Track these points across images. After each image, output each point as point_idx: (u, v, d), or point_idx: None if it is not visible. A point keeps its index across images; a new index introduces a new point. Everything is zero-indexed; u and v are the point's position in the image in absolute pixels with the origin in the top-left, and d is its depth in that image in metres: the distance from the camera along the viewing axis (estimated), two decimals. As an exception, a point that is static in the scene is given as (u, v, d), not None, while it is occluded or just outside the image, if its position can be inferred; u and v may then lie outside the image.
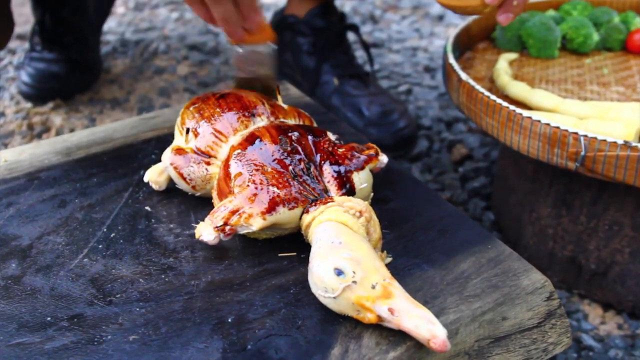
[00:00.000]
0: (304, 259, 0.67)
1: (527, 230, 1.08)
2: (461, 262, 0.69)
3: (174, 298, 0.64)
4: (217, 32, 2.03)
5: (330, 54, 1.47)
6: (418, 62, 1.87)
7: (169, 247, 0.72)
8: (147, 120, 0.98)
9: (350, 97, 1.41)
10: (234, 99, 0.78)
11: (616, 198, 0.94)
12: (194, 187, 0.76)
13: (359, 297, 0.58)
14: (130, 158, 0.88)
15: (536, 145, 0.89)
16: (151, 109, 1.57)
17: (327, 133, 0.76)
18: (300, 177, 0.69)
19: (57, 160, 0.88)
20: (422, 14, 2.24)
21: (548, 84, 1.09)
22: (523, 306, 0.65)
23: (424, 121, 1.53)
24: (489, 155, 1.40)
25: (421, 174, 1.35)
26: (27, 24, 1.87)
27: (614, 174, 0.84)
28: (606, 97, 1.04)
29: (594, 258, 1.00)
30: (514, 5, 0.86)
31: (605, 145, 0.82)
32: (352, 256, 0.60)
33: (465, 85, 0.99)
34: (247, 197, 0.67)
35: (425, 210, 0.78)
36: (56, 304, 0.64)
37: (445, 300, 0.64)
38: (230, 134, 0.75)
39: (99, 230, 0.74)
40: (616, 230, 0.96)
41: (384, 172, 0.81)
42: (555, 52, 1.18)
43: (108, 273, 0.68)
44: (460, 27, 1.19)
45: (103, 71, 1.72)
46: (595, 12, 1.23)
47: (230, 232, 0.66)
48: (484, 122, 0.96)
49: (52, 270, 0.68)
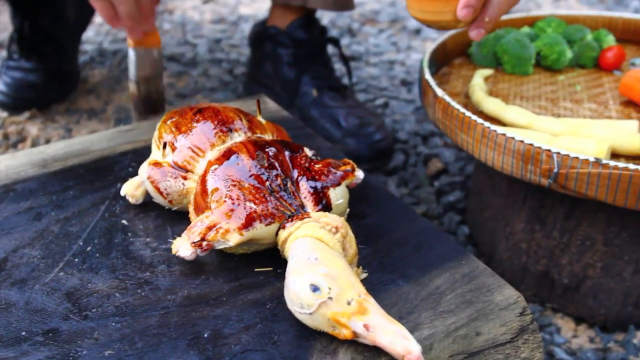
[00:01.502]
0: (281, 274, 0.68)
1: (501, 245, 1.09)
2: (436, 277, 0.70)
3: (150, 313, 0.64)
4: (195, 44, 2.03)
5: (310, 66, 1.47)
6: (395, 75, 1.88)
7: (145, 261, 0.72)
8: (124, 133, 0.98)
9: (328, 108, 1.42)
10: (211, 113, 0.78)
11: (588, 214, 0.96)
12: (170, 202, 0.76)
13: (334, 313, 0.58)
14: (107, 171, 0.88)
15: (510, 161, 0.90)
16: (128, 119, 1.56)
17: (304, 149, 0.76)
18: (277, 193, 0.69)
19: (33, 172, 0.87)
20: (399, 28, 2.26)
21: (522, 100, 1.10)
22: (496, 321, 0.66)
23: (400, 135, 1.54)
24: (464, 170, 1.42)
25: (397, 187, 1.36)
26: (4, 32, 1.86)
27: (585, 190, 0.85)
28: (579, 114, 1.06)
29: (566, 272, 1.01)
30: (485, 21, 0.87)
31: (577, 162, 0.84)
32: (328, 272, 0.60)
33: (441, 102, 1.00)
34: (224, 212, 0.67)
35: (400, 225, 0.79)
36: (31, 318, 0.63)
37: (419, 316, 0.65)
38: (207, 149, 0.75)
39: (75, 243, 0.74)
40: (588, 246, 0.97)
41: (360, 187, 0.82)
42: (530, 68, 1.20)
43: (84, 287, 0.68)
44: (437, 42, 1.20)
45: (80, 81, 1.71)
46: (568, 30, 1.25)
47: (207, 247, 0.66)
48: (459, 138, 0.97)
49: (27, 284, 0.68)
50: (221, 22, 2.26)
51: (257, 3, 2.48)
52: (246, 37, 2.02)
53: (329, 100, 1.44)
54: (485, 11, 0.86)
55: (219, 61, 1.91)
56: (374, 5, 2.48)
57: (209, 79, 1.80)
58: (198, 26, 2.20)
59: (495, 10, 0.86)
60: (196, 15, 2.32)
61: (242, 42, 2.06)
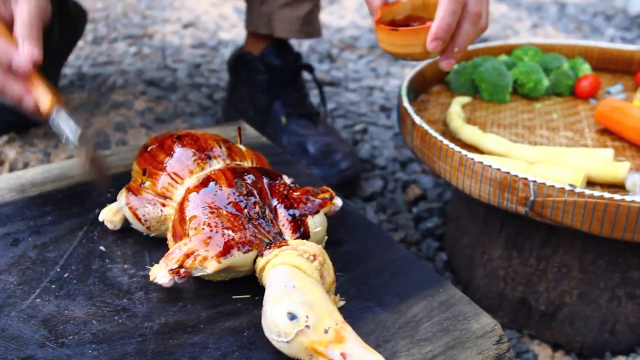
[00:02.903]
0: (258, 301, 0.68)
1: (478, 271, 1.10)
2: (413, 305, 0.70)
3: (127, 340, 0.64)
4: (175, 68, 2.03)
5: (282, 92, 1.48)
6: (374, 101, 1.90)
7: (123, 287, 0.71)
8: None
9: (296, 136, 1.43)
10: (190, 140, 0.78)
11: (564, 241, 0.96)
12: (148, 228, 0.76)
13: (311, 341, 0.58)
14: (85, 196, 0.88)
15: (487, 189, 0.91)
16: (107, 144, 1.56)
17: (283, 176, 0.77)
18: (255, 221, 0.70)
19: (11, 198, 0.87)
20: (378, 54, 2.28)
21: (500, 128, 1.12)
22: (473, 350, 0.66)
23: (378, 161, 1.55)
24: (442, 196, 1.43)
25: (375, 213, 1.37)
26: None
27: (561, 218, 0.86)
28: (555, 142, 1.07)
29: (543, 299, 1.02)
30: (455, 51, 0.89)
31: (553, 190, 0.85)
32: (305, 300, 0.60)
33: (419, 129, 1.01)
34: (202, 239, 0.67)
35: (378, 252, 0.79)
36: (7, 345, 0.63)
37: (397, 344, 0.65)
38: (186, 176, 0.75)
39: (52, 269, 0.74)
40: (565, 273, 0.98)
41: (338, 214, 0.82)
42: (507, 96, 1.22)
43: (61, 314, 0.67)
44: (415, 70, 1.22)
45: (59, 105, 1.71)
46: (545, 58, 1.27)
47: (184, 274, 0.66)
48: (437, 165, 0.98)
49: (2, 311, 0.67)
50: (201, 47, 2.26)
51: (237, 28, 2.49)
52: (226, 62, 2.03)
53: (298, 127, 1.45)
54: (454, 42, 0.88)
55: (199, 86, 1.92)
56: (353, 31, 2.50)
57: (189, 103, 1.80)
58: (178, 51, 2.21)
59: (464, 40, 0.88)
60: (176, 39, 2.33)
61: (222, 67, 2.07)
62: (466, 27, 0.87)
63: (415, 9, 0.95)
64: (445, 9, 0.84)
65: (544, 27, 2.66)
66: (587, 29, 2.66)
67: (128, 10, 2.62)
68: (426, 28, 0.86)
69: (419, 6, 0.95)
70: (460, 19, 0.86)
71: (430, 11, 0.94)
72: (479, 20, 0.88)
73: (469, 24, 0.87)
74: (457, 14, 0.85)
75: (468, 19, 0.87)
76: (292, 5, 1.44)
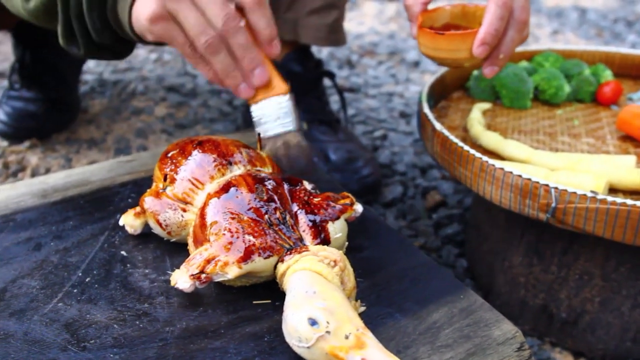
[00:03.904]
0: (279, 306, 0.68)
1: (499, 278, 1.09)
2: (434, 311, 0.70)
3: (148, 345, 0.64)
4: (195, 74, 2.04)
5: (303, 99, 1.49)
6: (394, 107, 1.89)
7: (144, 292, 0.72)
8: (124, 164, 0.98)
9: (317, 142, 1.43)
10: (211, 146, 0.79)
11: (586, 248, 0.96)
12: (169, 233, 0.76)
13: (332, 347, 0.58)
14: (106, 201, 0.88)
15: (508, 196, 0.91)
16: (128, 149, 1.57)
17: (303, 182, 0.77)
18: (276, 226, 0.70)
19: (33, 203, 0.88)
20: (398, 60, 2.28)
21: (520, 134, 1.11)
22: (494, 356, 0.66)
23: (398, 167, 1.55)
24: (462, 202, 1.42)
25: (395, 220, 1.37)
26: (5, 62, 1.87)
27: (583, 225, 0.86)
28: (577, 149, 1.07)
29: (564, 307, 1.01)
30: (500, 58, 0.89)
31: (575, 197, 0.84)
32: (326, 306, 0.60)
33: (439, 135, 1.01)
34: (222, 245, 0.67)
35: (399, 259, 0.79)
36: (29, 349, 0.63)
37: (417, 350, 0.65)
38: (207, 182, 0.75)
39: (74, 274, 0.74)
40: (586, 280, 0.98)
41: (359, 220, 0.82)
42: (528, 102, 1.21)
43: (82, 318, 0.68)
44: (435, 76, 1.21)
45: (80, 111, 1.72)
46: (566, 64, 1.26)
47: (205, 280, 0.66)
48: (458, 171, 0.98)
49: (25, 315, 0.68)
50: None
51: (258, 35, 2.49)
52: (246, 68, 2.04)
53: (319, 134, 1.45)
54: (500, 48, 0.88)
55: (219, 92, 1.93)
56: (373, 37, 2.50)
57: (209, 109, 1.81)
58: (198, 57, 2.21)
59: (509, 46, 0.88)
60: (197, 46, 2.33)
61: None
62: (512, 34, 0.87)
63: (453, 17, 0.95)
64: (494, 15, 0.84)
65: (564, 34, 2.65)
66: (608, 35, 2.65)
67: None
68: (473, 33, 0.86)
69: (458, 14, 0.95)
70: (507, 26, 0.87)
71: (469, 20, 0.94)
72: (524, 29, 0.89)
73: (515, 30, 0.87)
74: (505, 20, 0.86)
75: (514, 26, 0.87)
76: (320, 13, 1.43)
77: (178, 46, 0.78)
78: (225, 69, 0.79)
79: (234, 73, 0.80)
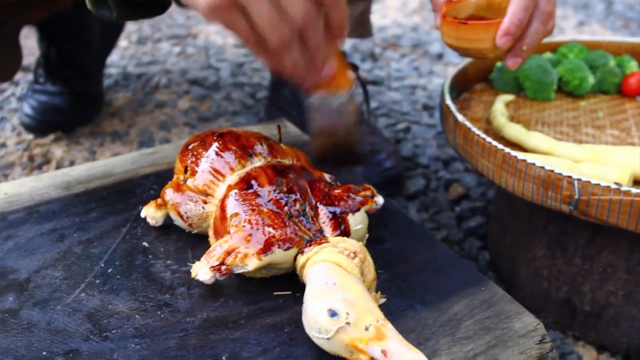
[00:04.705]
0: (299, 298, 0.68)
1: (522, 271, 1.08)
2: (454, 303, 0.70)
3: (169, 335, 0.65)
4: (218, 67, 2.05)
5: None
6: (417, 100, 1.89)
7: (165, 283, 0.72)
8: (146, 156, 0.99)
9: None
10: (232, 138, 0.79)
11: (610, 241, 0.95)
12: (190, 225, 0.77)
13: (352, 338, 0.58)
14: (129, 193, 0.89)
15: (531, 187, 0.90)
16: (151, 142, 1.58)
17: (324, 174, 0.77)
18: (296, 218, 0.70)
19: (57, 194, 0.89)
20: (421, 53, 2.27)
21: (544, 126, 1.10)
22: (515, 349, 0.65)
23: (421, 159, 1.54)
24: (485, 195, 1.41)
25: (418, 212, 1.36)
26: (30, 56, 1.89)
27: (607, 217, 0.85)
28: (601, 140, 1.06)
29: (588, 300, 1.00)
30: (523, 49, 0.88)
31: (598, 189, 0.83)
32: (346, 297, 0.60)
33: (461, 127, 1.00)
34: (243, 237, 0.67)
35: (419, 251, 0.79)
36: (52, 338, 0.64)
37: (437, 342, 0.65)
38: (227, 173, 0.76)
39: (97, 265, 0.75)
40: (610, 273, 0.97)
41: (380, 212, 0.82)
42: (552, 94, 1.20)
43: (104, 308, 0.68)
44: (458, 68, 1.21)
45: (104, 104, 1.74)
46: (591, 56, 1.25)
47: (226, 271, 0.66)
48: (480, 163, 0.97)
49: (49, 305, 0.69)
50: (244, 47, 2.28)
51: (281, 28, 2.49)
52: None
53: None
54: (523, 40, 0.87)
55: (242, 85, 1.93)
56: (396, 30, 2.50)
57: (232, 102, 1.81)
58: (221, 50, 2.22)
59: (533, 38, 0.87)
60: (219, 39, 2.35)
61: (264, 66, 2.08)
62: (536, 25, 0.86)
63: (478, 8, 0.95)
64: (518, 5, 0.84)
65: (590, 25, 2.62)
66: (635, 26, 2.62)
67: (172, 11, 2.64)
68: (497, 23, 0.85)
69: (483, 6, 0.94)
70: (531, 17, 0.86)
71: (494, 11, 0.93)
72: (550, 20, 0.87)
73: (540, 22, 0.86)
74: (529, 10, 0.85)
75: (539, 17, 0.86)
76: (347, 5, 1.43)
77: (241, 37, 0.69)
78: (295, 64, 0.72)
79: (302, 68, 0.73)
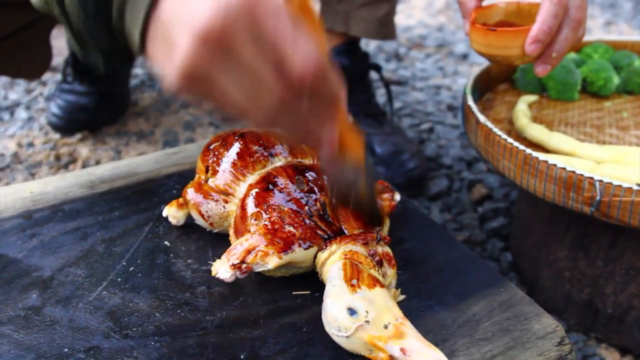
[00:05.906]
0: (318, 297, 0.68)
1: (544, 272, 1.08)
2: (473, 304, 0.70)
3: (188, 333, 0.65)
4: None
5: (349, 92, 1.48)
6: (441, 100, 1.88)
7: (186, 282, 0.73)
8: (170, 156, 0.99)
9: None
10: (252, 138, 0.79)
11: (633, 242, 0.94)
12: (211, 224, 0.77)
13: (371, 336, 0.59)
14: (151, 193, 0.90)
15: (552, 189, 0.90)
16: (176, 142, 1.59)
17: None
18: (316, 217, 0.70)
19: (81, 193, 0.90)
20: (446, 53, 2.26)
21: (567, 127, 1.10)
22: (534, 350, 0.65)
23: (444, 160, 1.54)
24: (508, 196, 1.41)
25: (440, 213, 1.36)
26: (59, 56, 1.91)
27: (629, 219, 0.84)
28: (625, 141, 1.05)
29: (610, 302, 1.00)
30: (552, 57, 0.87)
31: (620, 190, 0.83)
32: (365, 296, 0.61)
33: (483, 128, 1.00)
34: (263, 235, 0.68)
35: (440, 251, 0.79)
36: (74, 335, 0.65)
37: (455, 343, 0.65)
38: (248, 173, 0.76)
39: (119, 263, 0.76)
40: (633, 275, 0.96)
41: (401, 212, 0.82)
42: (576, 94, 1.19)
43: (125, 306, 0.69)
44: (481, 68, 1.20)
45: (130, 104, 1.75)
46: (616, 56, 1.24)
47: (246, 270, 0.67)
48: (501, 164, 0.97)
49: (71, 302, 0.69)
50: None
51: (306, 28, 2.50)
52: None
53: (365, 127, 1.45)
54: (553, 46, 0.87)
55: (266, 85, 1.93)
56: (421, 30, 2.49)
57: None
58: (247, 50, 2.23)
59: (563, 45, 0.86)
60: (245, 39, 2.35)
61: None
62: (566, 32, 0.86)
63: (508, 14, 0.94)
64: (548, 12, 0.83)
65: (617, 25, 2.60)
66: (663, 26, 2.59)
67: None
68: (526, 30, 0.85)
69: (513, 12, 0.94)
70: (561, 24, 0.85)
71: (524, 17, 0.93)
72: (580, 28, 0.87)
73: (570, 29, 0.86)
74: (559, 17, 0.84)
75: (569, 24, 0.85)
76: (371, 6, 1.43)
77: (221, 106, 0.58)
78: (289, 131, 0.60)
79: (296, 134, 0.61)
